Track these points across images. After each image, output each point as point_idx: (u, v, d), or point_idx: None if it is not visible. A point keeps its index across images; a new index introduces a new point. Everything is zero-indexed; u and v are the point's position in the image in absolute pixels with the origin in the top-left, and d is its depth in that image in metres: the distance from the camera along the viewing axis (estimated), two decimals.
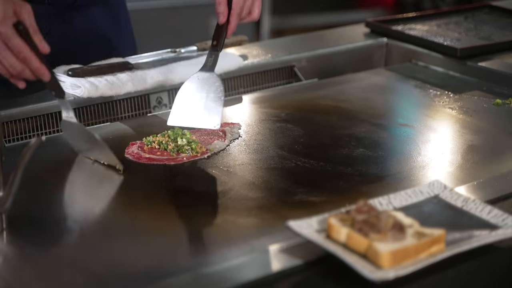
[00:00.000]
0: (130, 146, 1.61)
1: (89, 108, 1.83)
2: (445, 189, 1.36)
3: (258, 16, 1.70)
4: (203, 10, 4.57)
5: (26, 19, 1.46)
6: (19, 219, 1.34)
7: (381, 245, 1.15)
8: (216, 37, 1.69)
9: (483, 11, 2.48)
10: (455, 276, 1.20)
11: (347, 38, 2.30)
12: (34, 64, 1.46)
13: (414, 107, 1.87)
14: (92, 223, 1.36)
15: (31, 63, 1.46)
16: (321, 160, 1.57)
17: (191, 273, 1.19)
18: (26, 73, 1.48)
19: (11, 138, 1.74)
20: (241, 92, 2.03)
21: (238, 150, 1.62)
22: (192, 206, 1.40)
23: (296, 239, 1.23)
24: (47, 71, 1.49)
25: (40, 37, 1.47)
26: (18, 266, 1.24)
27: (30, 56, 1.46)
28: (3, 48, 1.44)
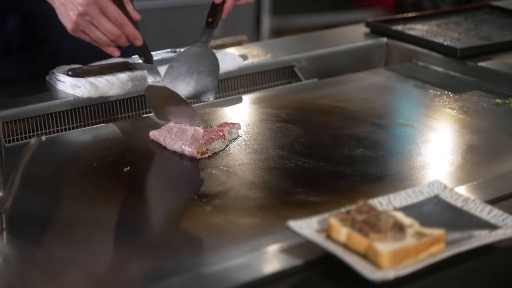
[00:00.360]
0: None
1: (89, 108, 1.83)
2: (445, 189, 1.36)
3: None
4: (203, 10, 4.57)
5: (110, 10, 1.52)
6: (19, 219, 1.34)
7: (381, 245, 1.15)
8: (212, 14, 1.69)
9: (483, 11, 2.48)
10: (455, 276, 1.20)
11: (347, 38, 2.30)
12: (130, 29, 1.54)
13: (414, 107, 1.87)
14: (92, 223, 1.36)
15: (127, 28, 1.53)
16: (321, 160, 1.57)
17: (191, 273, 1.19)
18: (121, 39, 1.55)
19: (11, 138, 1.74)
20: (241, 92, 2.03)
21: (238, 150, 1.62)
22: (192, 206, 1.40)
23: (296, 239, 1.23)
24: (140, 36, 1.56)
25: (131, 6, 1.55)
26: (18, 266, 1.24)
27: (126, 21, 1.53)
28: (101, 15, 1.51)
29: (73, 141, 1.72)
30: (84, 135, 1.73)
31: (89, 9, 1.50)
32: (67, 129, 1.80)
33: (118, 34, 1.54)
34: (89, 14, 1.51)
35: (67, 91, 1.83)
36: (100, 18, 1.51)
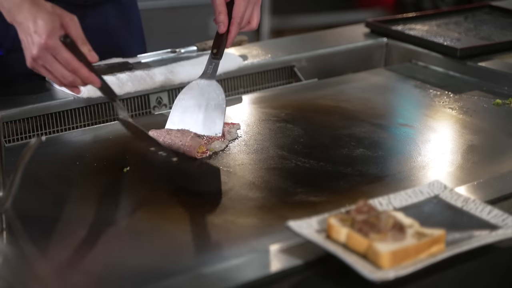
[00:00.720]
0: None
1: (89, 108, 1.83)
2: (445, 189, 1.36)
3: (257, 25, 1.71)
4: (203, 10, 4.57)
5: (73, 32, 1.49)
6: (19, 219, 1.34)
7: (381, 245, 1.15)
8: (216, 46, 1.69)
9: (483, 11, 2.48)
10: (455, 276, 1.20)
11: (347, 38, 2.30)
12: (84, 73, 1.51)
13: (414, 107, 1.87)
14: (92, 223, 1.36)
15: (80, 72, 1.50)
16: (321, 160, 1.57)
17: (191, 273, 1.19)
18: (77, 82, 1.52)
19: (11, 138, 1.74)
20: (241, 92, 2.03)
21: (238, 150, 1.62)
22: (192, 206, 1.40)
23: (296, 239, 1.23)
24: (96, 78, 1.53)
25: (88, 47, 1.51)
26: (18, 266, 1.24)
27: (79, 66, 1.50)
28: (52, 60, 1.49)
29: (73, 141, 1.72)
30: (84, 135, 1.73)
31: (41, 54, 1.48)
32: (67, 129, 1.80)
33: (71, 79, 1.51)
34: (41, 59, 1.49)
35: (67, 91, 1.83)
36: (52, 64, 1.49)
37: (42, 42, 1.46)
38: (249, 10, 1.68)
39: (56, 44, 1.47)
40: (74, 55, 1.49)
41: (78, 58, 1.50)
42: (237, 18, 1.66)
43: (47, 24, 1.46)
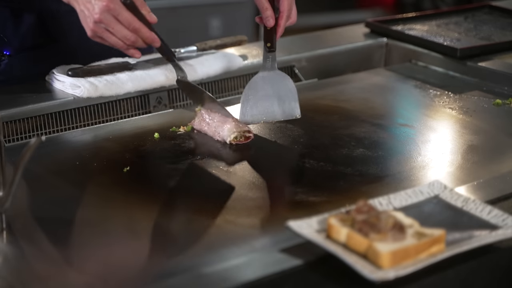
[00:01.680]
0: None
1: (89, 108, 1.83)
2: (445, 189, 1.36)
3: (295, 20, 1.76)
4: (203, 10, 4.57)
5: None
6: (19, 219, 1.34)
7: (381, 245, 1.15)
8: (269, 39, 1.73)
9: (483, 11, 2.48)
10: (455, 276, 1.20)
11: (347, 38, 2.30)
12: (145, 33, 1.59)
13: (414, 107, 1.87)
14: (92, 223, 1.36)
15: (142, 32, 1.59)
16: (321, 160, 1.57)
17: (191, 273, 1.19)
18: (138, 42, 1.61)
19: (11, 138, 1.74)
20: (241, 92, 2.02)
21: (238, 150, 1.62)
22: (192, 206, 1.40)
23: (296, 239, 1.23)
24: (157, 37, 1.62)
25: (147, 9, 1.60)
26: (18, 266, 1.24)
27: (140, 26, 1.58)
28: (115, 22, 1.57)
29: (73, 141, 1.72)
30: (84, 135, 1.73)
31: (103, 17, 1.56)
32: (67, 129, 1.80)
33: (133, 39, 1.59)
34: (103, 21, 1.57)
35: (67, 91, 1.83)
36: (114, 25, 1.57)
37: (104, 4, 1.55)
38: (293, 5, 1.73)
39: (118, 6, 1.56)
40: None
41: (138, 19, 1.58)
42: (285, 11, 1.70)
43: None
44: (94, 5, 1.56)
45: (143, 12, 1.59)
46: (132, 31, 1.58)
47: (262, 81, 1.72)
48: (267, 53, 1.73)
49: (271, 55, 1.74)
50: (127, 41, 1.59)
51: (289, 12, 1.71)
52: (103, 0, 1.55)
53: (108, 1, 1.55)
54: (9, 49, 1.87)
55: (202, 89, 1.69)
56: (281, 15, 1.71)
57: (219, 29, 4.56)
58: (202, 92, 1.68)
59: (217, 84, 2.01)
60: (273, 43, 1.72)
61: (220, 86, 2.01)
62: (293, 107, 1.71)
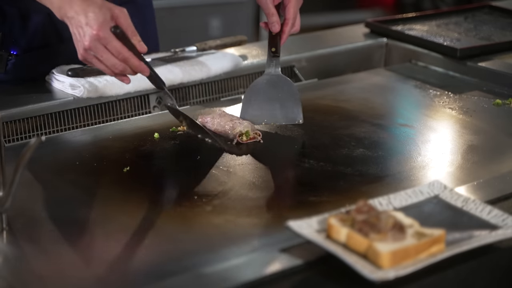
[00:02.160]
0: None
1: (89, 108, 1.83)
2: (445, 189, 1.36)
3: (299, 29, 1.79)
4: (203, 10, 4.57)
5: (123, 23, 1.57)
6: (19, 219, 1.34)
7: (381, 245, 1.15)
8: (273, 44, 1.75)
9: (483, 11, 2.48)
10: (455, 276, 1.20)
11: (347, 38, 2.30)
12: (134, 62, 1.59)
13: (414, 107, 1.87)
14: (92, 223, 1.36)
15: (131, 61, 1.59)
16: (321, 160, 1.57)
17: (191, 273, 1.19)
18: (127, 71, 1.61)
19: (11, 138, 1.74)
20: (241, 92, 2.03)
21: (238, 150, 1.62)
22: (192, 206, 1.40)
23: (296, 239, 1.23)
24: (146, 67, 1.62)
25: (138, 38, 1.59)
26: (18, 266, 1.24)
27: (129, 56, 1.58)
28: (104, 51, 1.57)
29: (73, 141, 1.72)
30: (84, 135, 1.73)
31: (92, 45, 1.56)
32: (67, 129, 1.80)
33: (121, 68, 1.59)
34: (92, 49, 1.57)
35: (67, 91, 1.83)
36: (103, 53, 1.57)
37: (94, 33, 1.54)
38: (297, 13, 1.77)
39: (107, 35, 1.55)
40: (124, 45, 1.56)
41: (128, 48, 1.57)
42: (291, 19, 1.74)
43: (98, 16, 1.55)
44: (85, 32, 1.56)
45: (134, 42, 1.58)
46: (121, 60, 1.58)
47: (265, 84, 1.74)
48: (271, 58, 1.75)
49: (275, 60, 1.75)
50: (116, 70, 1.59)
51: (294, 20, 1.74)
52: (94, 29, 1.54)
53: (98, 30, 1.54)
54: (17, 49, 1.88)
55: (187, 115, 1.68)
56: (286, 22, 1.73)
57: (219, 29, 4.56)
58: (187, 117, 1.67)
59: (217, 84, 2.01)
60: (278, 48, 1.74)
61: (220, 86, 2.01)
62: (295, 112, 1.72)
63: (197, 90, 1.98)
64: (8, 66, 1.88)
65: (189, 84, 1.96)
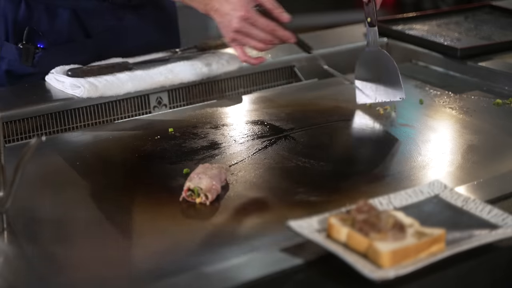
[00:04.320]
0: None
1: (89, 108, 1.83)
2: (445, 189, 1.36)
3: None
4: None
5: (264, 1, 1.73)
6: (19, 219, 1.35)
7: (382, 244, 1.15)
8: (369, 14, 1.84)
9: (483, 11, 2.48)
10: (455, 275, 1.20)
11: (347, 38, 2.30)
12: (280, 32, 1.76)
13: (414, 107, 1.87)
14: (92, 223, 1.36)
15: (278, 32, 1.75)
16: (321, 160, 1.57)
17: (191, 273, 1.19)
18: (276, 41, 1.77)
19: (11, 138, 1.74)
20: (241, 92, 2.03)
21: (239, 150, 1.62)
22: (192, 206, 1.40)
23: (296, 239, 1.23)
24: (292, 34, 1.78)
25: (279, 11, 1.75)
26: (18, 266, 1.24)
27: (276, 27, 1.75)
28: (253, 28, 1.74)
29: (73, 141, 1.72)
30: (84, 135, 1.74)
31: (241, 26, 1.73)
32: (67, 129, 1.80)
33: (271, 38, 1.75)
34: (242, 30, 1.73)
35: (67, 91, 1.83)
36: (253, 31, 1.74)
37: (242, 14, 1.72)
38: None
39: (253, 13, 1.73)
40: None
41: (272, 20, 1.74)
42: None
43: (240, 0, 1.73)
44: (232, 16, 1.72)
45: (276, 15, 1.73)
46: (269, 32, 1.74)
47: (369, 61, 1.82)
48: (369, 28, 1.82)
49: (373, 30, 1.82)
50: (266, 42, 1.75)
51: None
52: (240, 10, 1.71)
53: (245, 11, 1.71)
54: (44, 43, 1.91)
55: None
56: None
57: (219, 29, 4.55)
58: None
59: (217, 84, 2.01)
60: (373, 18, 1.82)
61: (220, 86, 2.01)
62: (396, 89, 1.78)
63: (197, 90, 1.98)
64: (36, 59, 1.91)
65: (189, 84, 1.96)
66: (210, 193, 1.39)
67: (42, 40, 1.93)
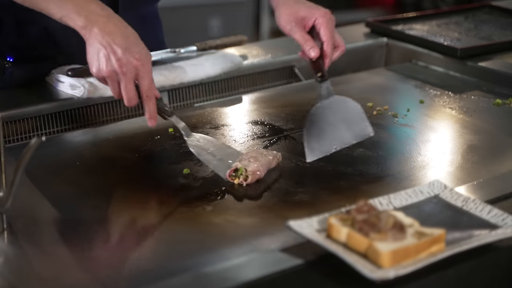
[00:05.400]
0: None
1: (89, 108, 1.83)
2: (445, 189, 1.36)
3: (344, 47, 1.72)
4: (203, 10, 4.57)
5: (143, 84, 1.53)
6: (19, 219, 1.35)
7: (381, 244, 1.15)
8: (318, 69, 1.65)
9: (483, 11, 2.49)
10: (455, 275, 1.20)
11: (347, 38, 2.29)
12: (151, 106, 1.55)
13: (414, 107, 1.87)
14: (92, 223, 1.36)
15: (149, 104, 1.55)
16: (321, 160, 1.57)
17: (191, 273, 1.19)
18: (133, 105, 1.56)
19: (11, 138, 1.74)
20: (241, 92, 2.03)
21: (239, 150, 1.62)
22: (192, 206, 1.40)
23: (296, 239, 1.23)
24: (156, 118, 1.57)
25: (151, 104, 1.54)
26: (18, 266, 1.24)
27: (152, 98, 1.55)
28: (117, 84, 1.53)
29: (73, 141, 1.72)
30: (84, 135, 1.74)
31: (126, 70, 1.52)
32: (67, 129, 1.80)
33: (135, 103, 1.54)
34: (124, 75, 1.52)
35: (67, 91, 1.83)
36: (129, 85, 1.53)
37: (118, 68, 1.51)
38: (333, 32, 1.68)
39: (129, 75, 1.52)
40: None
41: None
42: (328, 40, 1.66)
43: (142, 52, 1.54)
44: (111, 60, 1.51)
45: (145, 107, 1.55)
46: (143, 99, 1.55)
47: (322, 111, 1.63)
48: (320, 84, 1.65)
49: (326, 83, 1.65)
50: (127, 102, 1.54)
51: (332, 40, 1.67)
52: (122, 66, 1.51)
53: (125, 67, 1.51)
54: (13, 57, 1.87)
55: None
56: (325, 43, 1.66)
57: (219, 29, 4.56)
58: None
59: (217, 84, 2.01)
60: (323, 72, 1.65)
61: (220, 86, 2.01)
62: (363, 127, 1.64)
63: (197, 90, 1.98)
64: (6, 74, 1.88)
65: (189, 84, 1.96)
66: (252, 177, 1.46)
67: (12, 54, 1.87)
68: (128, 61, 1.51)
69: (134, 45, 1.53)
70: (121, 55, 1.51)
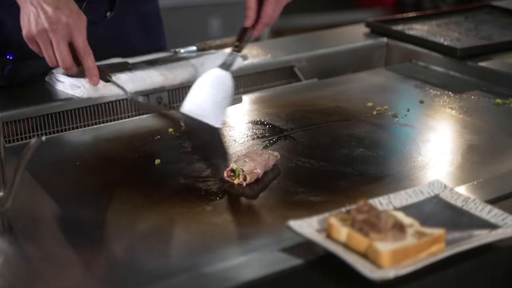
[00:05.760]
0: None
1: (89, 108, 1.83)
2: (445, 189, 1.36)
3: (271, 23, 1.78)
4: (203, 10, 4.57)
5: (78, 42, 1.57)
6: (20, 219, 1.35)
7: (381, 244, 1.15)
8: (239, 39, 1.73)
9: (483, 11, 2.49)
10: (455, 275, 1.20)
11: (347, 38, 2.30)
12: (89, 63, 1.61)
13: (414, 107, 1.87)
14: (92, 223, 1.36)
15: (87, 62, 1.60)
16: (321, 160, 1.57)
17: (191, 273, 1.19)
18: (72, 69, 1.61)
19: (11, 138, 1.74)
20: (241, 92, 2.03)
21: (239, 150, 1.62)
22: (192, 206, 1.40)
23: (296, 239, 1.23)
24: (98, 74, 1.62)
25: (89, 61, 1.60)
26: (19, 266, 1.24)
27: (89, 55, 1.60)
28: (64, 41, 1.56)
29: (73, 141, 1.72)
30: (84, 135, 1.74)
31: (56, 28, 1.54)
32: (67, 129, 1.80)
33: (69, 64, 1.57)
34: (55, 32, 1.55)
35: (67, 91, 1.83)
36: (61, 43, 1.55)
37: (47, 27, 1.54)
38: (276, 12, 1.75)
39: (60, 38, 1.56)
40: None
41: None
42: (265, 18, 1.74)
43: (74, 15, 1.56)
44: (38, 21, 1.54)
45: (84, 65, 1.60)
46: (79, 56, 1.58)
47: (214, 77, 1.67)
48: (231, 51, 1.72)
49: (234, 55, 1.71)
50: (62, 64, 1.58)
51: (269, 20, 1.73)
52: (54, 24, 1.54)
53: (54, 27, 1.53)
54: (12, 54, 1.87)
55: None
56: (260, 20, 1.74)
57: (219, 29, 4.56)
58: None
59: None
60: (241, 44, 1.72)
61: None
62: (219, 116, 1.64)
63: None
64: (5, 72, 1.88)
65: (189, 84, 1.95)
66: (250, 176, 1.46)
67: (11, 51, 1.88)
68: (58, 18, 1.53)
69: (65, 4, 1.55)
70: (51, 13, 1.53)
